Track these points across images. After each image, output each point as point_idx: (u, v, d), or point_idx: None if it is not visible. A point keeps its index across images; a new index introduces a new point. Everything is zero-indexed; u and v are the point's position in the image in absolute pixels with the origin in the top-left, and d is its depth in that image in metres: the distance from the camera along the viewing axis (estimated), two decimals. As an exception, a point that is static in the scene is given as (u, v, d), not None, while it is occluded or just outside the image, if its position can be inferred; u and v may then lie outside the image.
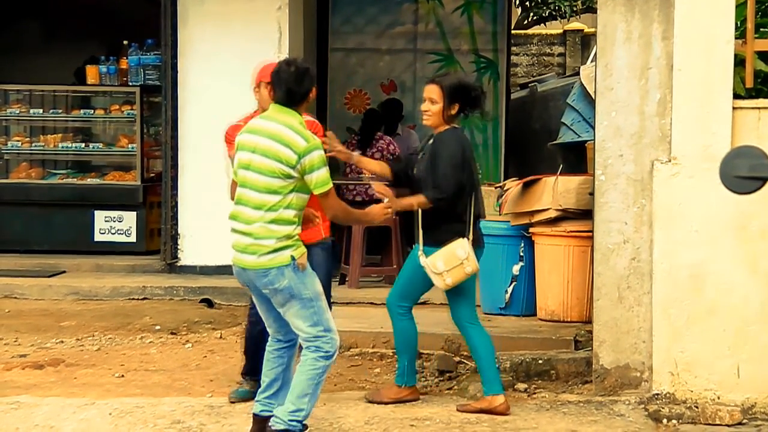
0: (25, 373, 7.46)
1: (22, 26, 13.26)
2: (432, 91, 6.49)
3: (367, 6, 13.11)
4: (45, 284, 10.14)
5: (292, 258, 5.29)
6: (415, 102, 12.87)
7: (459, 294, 6.60)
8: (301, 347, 5.59)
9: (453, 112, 6.51)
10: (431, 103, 6.49)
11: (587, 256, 8.05)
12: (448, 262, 6.45)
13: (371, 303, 9.13)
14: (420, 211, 6.50)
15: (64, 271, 10.70)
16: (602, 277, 6.84)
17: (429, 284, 6.66)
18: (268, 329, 5.69)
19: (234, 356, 7.74)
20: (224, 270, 8.84)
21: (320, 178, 5.36)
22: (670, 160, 6.70)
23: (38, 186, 11.57)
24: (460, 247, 6.46)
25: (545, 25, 19.84)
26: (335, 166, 6.30)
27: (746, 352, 6.59)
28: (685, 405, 6.58)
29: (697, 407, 6.55)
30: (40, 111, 11.81)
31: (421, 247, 6.53)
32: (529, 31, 19.88)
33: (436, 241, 6.49)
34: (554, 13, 18.94)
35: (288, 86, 5.42)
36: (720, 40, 6.63)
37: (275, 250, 5.28)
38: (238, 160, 5.43)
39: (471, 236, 6.50)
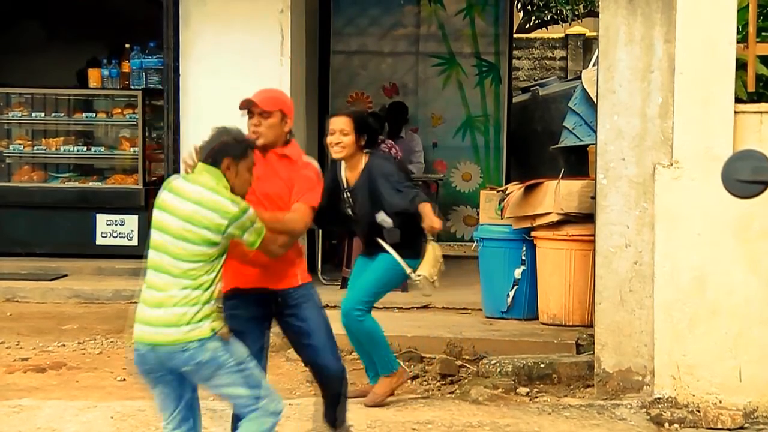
0: (27, 376, 7.46)
1: (23, 28, 13.25)
2: (344, 123, 6.54)
3: (369, 8, 13.13)
4: (47, 287, 10.13)
5: (213, 331, 4.71)
6: (418, 105, 12.91)
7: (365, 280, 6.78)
8: None
9: (362, 142, 6.59)
10: (343, 135, 6.53)
11: (589, 260, 8.04)
12: (436, 267, 6.62)
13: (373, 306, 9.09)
14: (383, 232, 6.61)
15: (65, 275, 10.70)
16: (604, 280, 6.84)
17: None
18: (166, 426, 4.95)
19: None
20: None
21: (253, 235, 4.79)
22: (671, 164, 6.70)
23: (40, 189, 11.55)
24: (437, 248, 6.68)
25: (547, 28, 19.85)
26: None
27: (748, 354, 6.59)
28: (686, 409, 6.57)
29: (698, 411, 6.54)
30: (42, 114, 11.79)
31: (404, 264, 6.61)
32: (531, 35, 19.89)
33: (415, 253, 6.62)
34: (556, 16, 18.95)
35: (214, 147, 4.82)
36: (722, 42, 6.63)
37: (196, 321, 4.71)
38: (154, 219, 4.83)
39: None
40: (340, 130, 6.51)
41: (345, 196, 6.68)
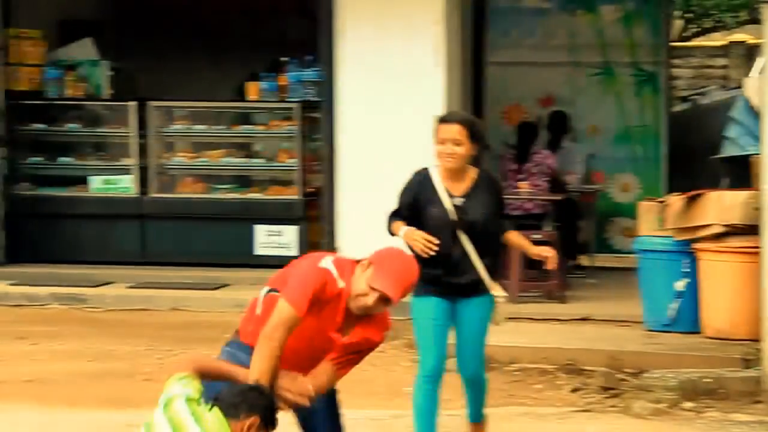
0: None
1: (186, 46, 13.60)
2: (457, 132, 5.82)
3: (524, 19, 13.05)
4: (210, 297, 10.33)
5: None
6: (574, 116, 12.76)
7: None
8: None
9: (473, 153, 5.95)
10: (455, 145, 5.82)
11: (755, 272, 7.81)
12: None
13: (531, 318, 9.05)
14: (483, 252, 5.93)
15: (227, 284, 10.89)
16: (772, 293, 6.65)
17: None
18: None
19: (395, 369, 7.76)
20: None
21: None
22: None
23: (202, 200, 11.79)
24: None
25: (707, 36, 19.46)
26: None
27: None
28: None
29: None
30: (203, 127, 12.04)
31: (497, 286, 5.97)
32: (691, 44, 19.52)
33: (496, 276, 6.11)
34: (717, 24, 18.57)
35: (247, 393, 4.13)
36: None
37: None
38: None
39: None
40: (453, 140, 5.83)
41: (450, 206, 5.90)
